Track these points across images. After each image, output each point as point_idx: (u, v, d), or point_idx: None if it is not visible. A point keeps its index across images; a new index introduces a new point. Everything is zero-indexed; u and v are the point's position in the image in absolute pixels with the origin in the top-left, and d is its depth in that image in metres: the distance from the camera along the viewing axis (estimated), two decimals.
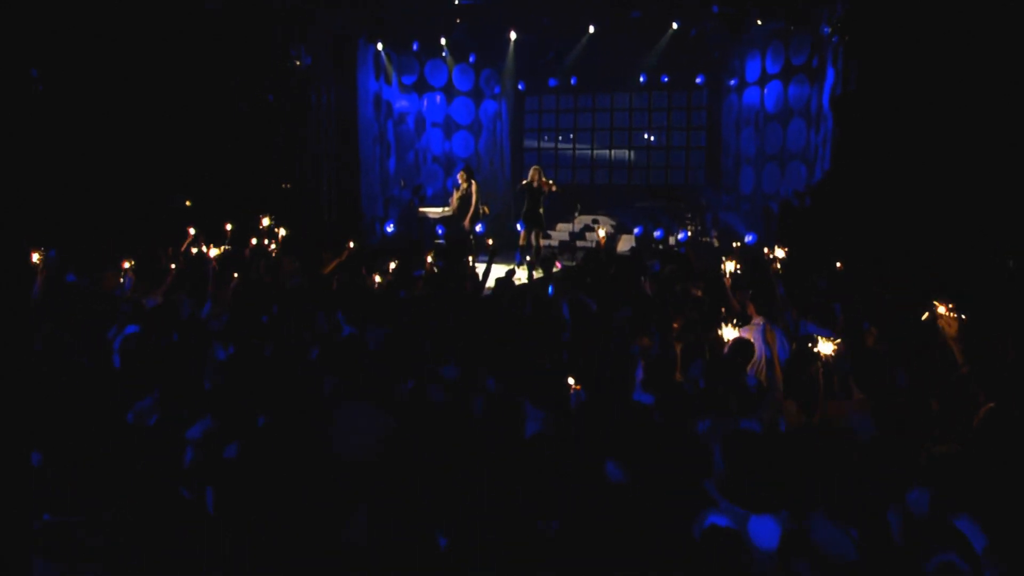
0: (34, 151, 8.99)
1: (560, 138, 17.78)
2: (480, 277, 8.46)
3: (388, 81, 15.00)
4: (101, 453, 3.33)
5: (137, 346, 4.18)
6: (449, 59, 15.72)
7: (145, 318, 4.66)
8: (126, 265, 5.88)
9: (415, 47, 15.30)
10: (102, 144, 10.11)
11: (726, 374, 3.63)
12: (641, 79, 16.05)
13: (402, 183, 14.59)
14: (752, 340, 4.51)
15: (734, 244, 7.62)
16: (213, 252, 6.21)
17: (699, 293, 5.87)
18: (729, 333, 4.51)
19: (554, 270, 8.40)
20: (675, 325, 5.02)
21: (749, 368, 4.41)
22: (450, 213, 12.14)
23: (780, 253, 5.58)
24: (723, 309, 5.33)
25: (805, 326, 5.03)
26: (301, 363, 4.11)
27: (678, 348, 4.43)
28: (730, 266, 5.72)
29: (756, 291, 5.11)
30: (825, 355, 4.03)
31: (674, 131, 16.98)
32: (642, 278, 6.29)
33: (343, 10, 12.78)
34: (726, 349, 4.37)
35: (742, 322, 5.10)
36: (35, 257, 5.83)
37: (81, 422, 3.65)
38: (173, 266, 6.18)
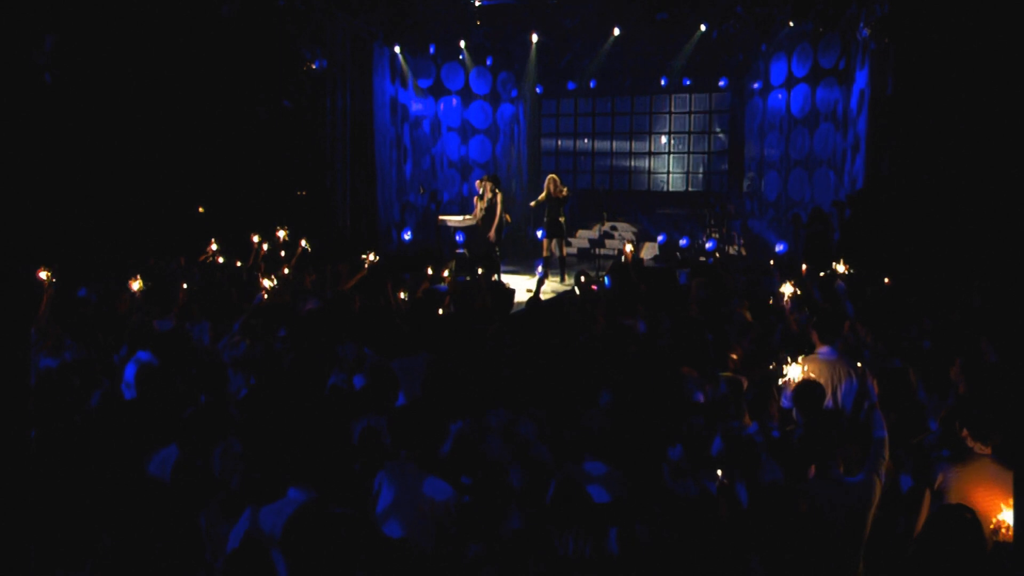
0: (42, 156, 8.71)
1: (579, 142, 17.37)
2: (507, 290, 8.11)
3: (404, 84, 14.66)
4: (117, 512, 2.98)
5: (154, 381, 3.81)
6: (467, 61, 15.36)
7: (161, 346, 4.29)
8: (135, 285, 5.43)
9: (431, 50, 14.95)
10: (109, 150, 9.82)
11: (824, 426, 3.16)
12: (662, 82, 15.64)
13: (421, 189, 14.23)
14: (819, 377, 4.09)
15: (771, 261, 7.20)
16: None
17: (749, 316, 5.46)
18: (794, 371, 4.06)
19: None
20: (734, 357, 4.61)
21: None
22: (473, 223, 11.77)
23: (840, 268, 5.14)
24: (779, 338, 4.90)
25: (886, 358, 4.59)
26: (325, 405, 3.72)
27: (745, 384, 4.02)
28: (788, 288, 5.26)
29: (820, 316, 4.67)
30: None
31: (695, 135, 16.56)
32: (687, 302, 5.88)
33: (359, 12, 12.43)
34: (791, 391, 3.92)
35: (803, 352, 4.69)
36: (43, 275, 5.42)
37: (94, 470, 3.30)
38: (185, 285, 5.78)
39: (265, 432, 3.04)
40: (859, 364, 4.50)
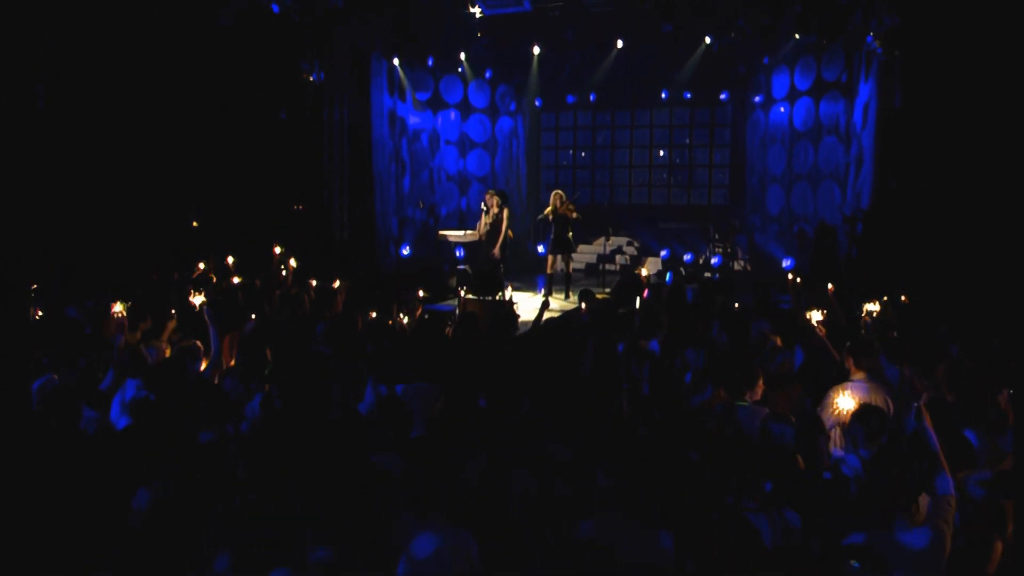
0: (30, 167, 8.42)
1: (579, 156, 17.18)
2: (514, 309, 7.86)
3: (403, 97, 14.43)
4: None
5: (147, 414, 3.52)
6: (467, 74, 15.15)
7: (152, 376, 3.98)
8: (116, 308, 4.99)
9: (430, 62, 14.75)
10: (99, 161, 9.54)
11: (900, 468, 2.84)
12: (663, 95, 15.47)
13: (420, 204, 13.96)
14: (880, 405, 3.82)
15: (795, 278, 6.91)
16: (198, 299, 5.29)
17: (779, 340, 5.20)
18: (845, 402, 3.79)
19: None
20: (759, 385, 4.34)
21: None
22: (475, 238, 11.50)
23: (874, 307, 4.89)
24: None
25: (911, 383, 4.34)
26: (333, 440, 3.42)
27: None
28: (817, 315, 5.01)
29: (856, 341, 4.42)
30: None
31: (696, 149, 16.38)
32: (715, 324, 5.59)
33: (358, 24, 12.22)
34: (847, 420, 3.64)
35: (838, 379, 4.44)
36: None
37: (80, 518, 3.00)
38: (173, 311, 5.42)
39: (272, 478, 2.75)
40: (892, 394, 4.26)
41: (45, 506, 3.09)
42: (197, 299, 5.38)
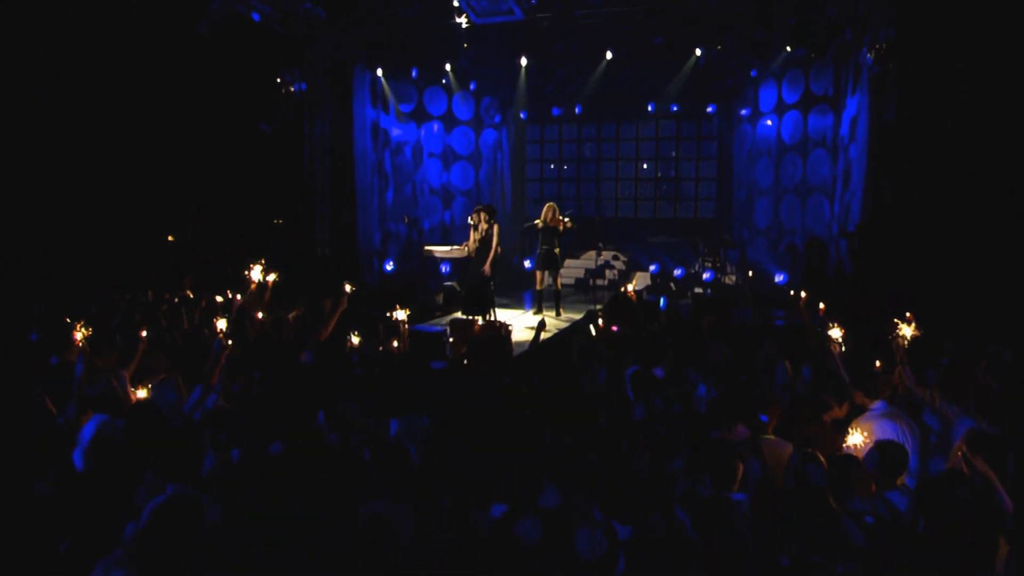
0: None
1: (564, 169, 16.96)
2: (506, 328, 7.58)
3: (386, 109, 14.13)
4: None
5: (115, 457, 3.16)
6: (452, 85, 14.88)
7: (127, 414, 3.62)
8: (77, 335, 4.53)
9: (414, 74, 14.47)
10: (69, 172, 9.13)
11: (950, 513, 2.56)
12: (649, 108, 15.32)
13: (405, 219, 13.61)
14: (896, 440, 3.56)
15: (805, 295, 6.64)
16: (221, 324, 4.92)
17: (788, 365, 4.94)
18: (854, 438, 3.52)
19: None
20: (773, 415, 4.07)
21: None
22: (463, 254, 11.14)
23: (908, 331, 4.63)
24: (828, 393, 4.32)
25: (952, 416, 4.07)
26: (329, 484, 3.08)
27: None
28: (836, 332, 4.74)
29: (856, 376, 4.15)
30: None
31: (683, 161, 16.24)
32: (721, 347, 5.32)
33: (341, 34, 11.91)
34: (863, 458, 3.36)
35: (854, 411, 4.18)
36: None
37: None
38: (144, 333, 5.01)
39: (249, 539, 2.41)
40: (915, 426, 4.01)
41: None
42: (220, 323, 5.03)
